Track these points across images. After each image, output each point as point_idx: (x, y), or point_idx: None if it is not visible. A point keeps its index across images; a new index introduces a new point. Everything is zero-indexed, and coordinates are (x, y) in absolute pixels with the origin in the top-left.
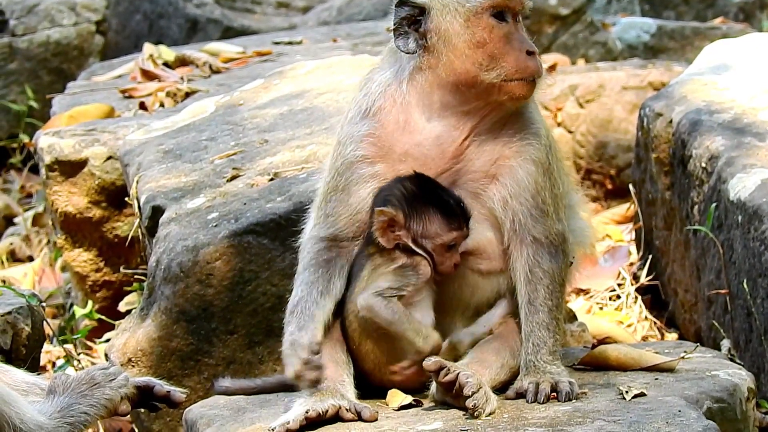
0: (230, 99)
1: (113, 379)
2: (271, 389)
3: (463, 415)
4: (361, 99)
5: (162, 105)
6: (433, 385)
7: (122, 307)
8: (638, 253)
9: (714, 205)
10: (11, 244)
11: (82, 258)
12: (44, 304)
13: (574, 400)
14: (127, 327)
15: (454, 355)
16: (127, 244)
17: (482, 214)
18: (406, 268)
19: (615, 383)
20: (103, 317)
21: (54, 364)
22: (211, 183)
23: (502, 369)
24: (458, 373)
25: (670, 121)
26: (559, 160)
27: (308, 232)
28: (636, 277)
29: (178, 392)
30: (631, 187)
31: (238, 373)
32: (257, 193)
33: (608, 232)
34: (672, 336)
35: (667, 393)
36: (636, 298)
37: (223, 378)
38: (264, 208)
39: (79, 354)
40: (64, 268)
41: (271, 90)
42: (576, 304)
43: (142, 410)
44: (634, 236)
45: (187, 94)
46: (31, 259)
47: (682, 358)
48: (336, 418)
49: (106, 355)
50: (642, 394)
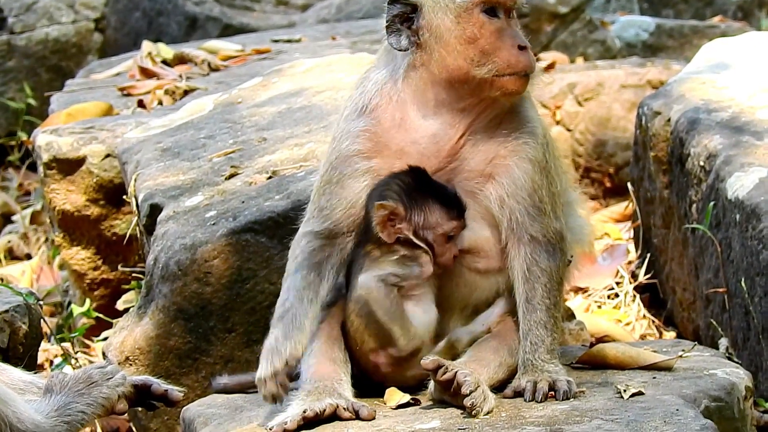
0: (229, 97)
1: (110, 378)
2: None
3: (461, 413)
4: (357, 97)
5: (160, 103)
6: (431, 384)
7: (120, 305)
8: (636, 251)
9: (712, 203)
10: (9, 242)
11: (80, 256)
12: (42, 302)
13: (571, 399)
14: (124, 325)
15: (453, 353)
16: (125, 242)
17: (479, 212)
18: (408, 259)
19: (613, 382)
20: (101, 315)
21: (51, 362)
22: (209, 181)
23: (500, 367)
24: (456, 372)
25: (669, 120)
26: (556, 158)
27: (302, 226)
28: (634, 276)
29: (176, 391)
30: (629, 185)
31: (236, 371)
32: (255, 191)
33: (607, 230)
34: (670, 334)
35: (664, 392)
36: (634, 296)
37: (220, 376)
38: (262, 207)
39: (76, 352)
40: (62, 266)
41: (270, 88)
42: (574, 302)
43: (140, 409)
44: (632, 234)
45: (186, 92)
46: (29, 257)
47: (680, 356)
48: (334, 417)
49: (103, 354)
50: (640, 393)
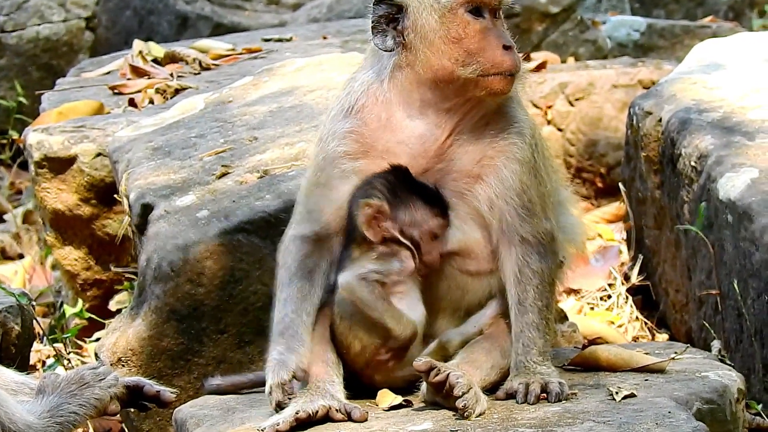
0: (220, 96)
1: (103, 379)
2: (263, 382)
3: (453, 415)
4: (344, 97)
5: (151, 102)
6: (423, 386)
7: (113, 306)
8: (629, 252)
9: (704, 204)
10: (1, 241)
11: (72, 256)
12: (34, 302)
13: (564, 401)
14: (117, 326)
15: (444, 355)
16: (117, 242)
17: (468, 214)
18: (387, 255)
19: (605, 384)
20: (94, 316)
21: (44, 363)
22: (200, 180)
23: (492, 369)
24: (448, 374)
25: (660, 120)
26: (545, 158)
27: (291, 228)
28: (627, 277)
29: (168, 392)
30: (621, 185)
31: (228, 372)
32: (247, 190)
33: (599, 231)
34: (663, 337)
35: (657, 394)
36: (627, 298)
37: (213, 377)
38: (254, 206)
39: (69, 353)
40: (54, 266)
41: (261, 87)
42: (567, 304)
43: (132, 410)
44: (624, 235)
45: (177, 91)
46: (21, 256)
47: (673, 359)
48: (326, 418)
49: (96, 355)
50: (632, 395)
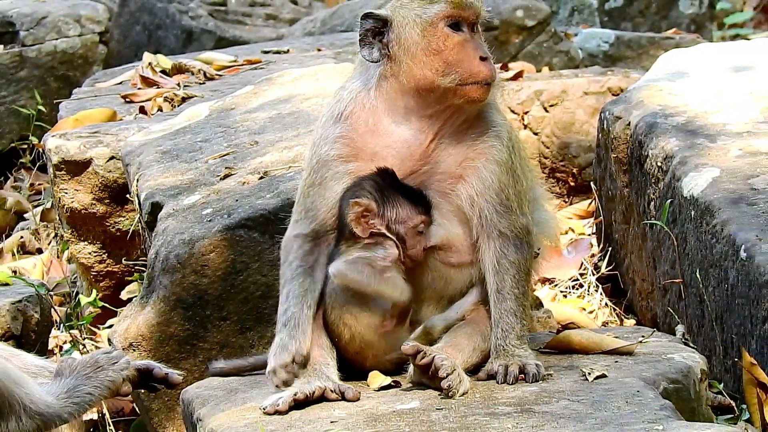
0: (223, 104)
1: (116, 363)
2: (263, 366)
3: (439, 395)
4: (334, 105)
5: (160, 109)
6: (411, 368)
7: (124, 295)
8: (599, 245)
9: (669, 201)
10: (21, 237)
11: (86, 250)
12: (52, 292)
13: (540, 381)
14: (128, 314)
15: (429, 339)
16: (128, 237)
17: (451, 211)
18: (372, 244)
19: (578, 365)
20: (107, 305)
21: (61, 348)
22: (205, 181)
23: (474, 352)
24: (434, 357)
25: (629, 124)
26: (522, 159)
27: (291, 228)
28: (597, 268)
29: (176, 374)
30: (592, 184)
31: (230, 356)
32: (248, 190)
33: (571, 225)
34: (630, 322)
35: (626, 374)
36: (597, 286)
37: (216, 360)
38: (255, 204)
39: (84, 339)
40: (70, 260)
41: (261, 95)
42: (542, 292)
43: (143, 391)
44: (595, 230)
45: (184, 99)
46: (40, 251)
47: (640, 342)
48: (322, 398)
49: (109, 340)
50: (603, 376)
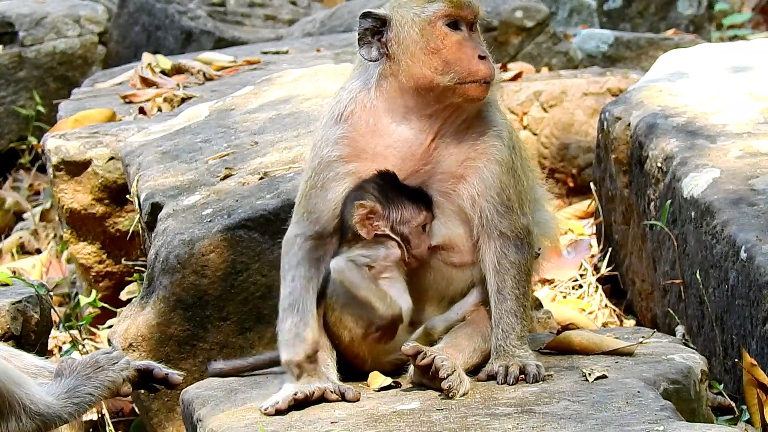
0: (223, 104)
1: (115, 363)
2: (262, 365)
3: (439, 395)
4: (335, 105)
5: (160, 110)
6: (411, 368)
7: (123, 296)
8: (599, 246)
9: (669, 201)
10: (21, 237)
11: (86, 251)
12: (51, 293)
13: (540, 382)
14: (128, 314)
15: (430, 340)
16: (128, 237)
17: (453, 211)
18: (375, 243)
19: (578, 366)
20: (106, 305)
21: (61, 348)
22: (205, 182)
23: (474, 353)
24: (434, 357)
25: (629, 125)
26: (523, 159)
27: (292, 228)
28: (597, 268)
29: (176, 374)
30: (591, 185)
31: (230, 356)
32: (248, 190)
33: (571, 226)
34: (630, 323)
35: (626, 375)
36: (597, 287)
37: (216, 361)
38: (254, 205)
39: (83, 339)
40: (69, 260)
41: (261, 96)
42: (542, 293)
43: (142, 391)
44: (594, 230)
45: (183, 100)
46: (39, 251)
47: (641, 343)
48: (322, 399)
49: (108, 341)
50: (604, 376)
